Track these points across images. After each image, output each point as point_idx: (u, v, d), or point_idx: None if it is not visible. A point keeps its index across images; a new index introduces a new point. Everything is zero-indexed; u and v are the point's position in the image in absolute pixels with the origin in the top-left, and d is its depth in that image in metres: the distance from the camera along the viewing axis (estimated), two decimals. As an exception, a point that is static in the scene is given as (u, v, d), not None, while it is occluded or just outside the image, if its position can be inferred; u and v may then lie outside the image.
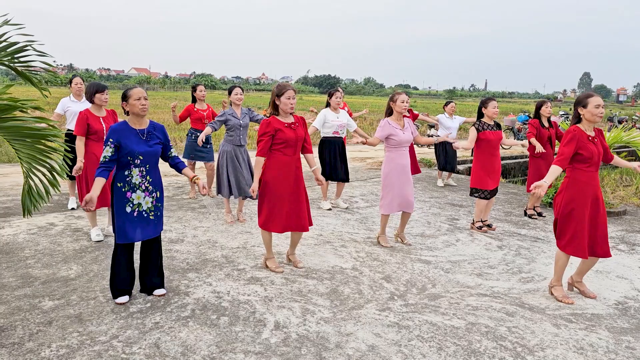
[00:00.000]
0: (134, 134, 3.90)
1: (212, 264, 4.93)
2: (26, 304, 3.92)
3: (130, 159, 3.84)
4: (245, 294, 4.24)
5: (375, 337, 3.58)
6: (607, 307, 4.27)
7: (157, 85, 76.11)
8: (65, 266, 4.74)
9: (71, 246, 5.31)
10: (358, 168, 11.43)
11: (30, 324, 3.59)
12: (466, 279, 4.80)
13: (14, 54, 3.39)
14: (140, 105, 3.89)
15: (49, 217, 6.42)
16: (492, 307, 4.15)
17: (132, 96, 3.89)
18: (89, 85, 5.50)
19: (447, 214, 7.34)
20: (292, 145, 4.55)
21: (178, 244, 5.50)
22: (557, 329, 3.82)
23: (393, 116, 5.51)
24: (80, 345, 3.33)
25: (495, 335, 3.66)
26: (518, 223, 6.98)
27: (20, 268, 4.66)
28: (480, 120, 6.31)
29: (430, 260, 5.26)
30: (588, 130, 4.21)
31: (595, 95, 4.21)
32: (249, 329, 3.63)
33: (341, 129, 7.17)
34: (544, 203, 7.97)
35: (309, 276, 4.70)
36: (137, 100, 3.88)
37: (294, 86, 4.87)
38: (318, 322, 3.78)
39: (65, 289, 4.21)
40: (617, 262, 5.45)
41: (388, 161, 5.54)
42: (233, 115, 6.19)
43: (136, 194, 3.88)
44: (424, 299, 4.28)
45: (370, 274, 4.82)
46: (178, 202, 7.45)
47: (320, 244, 5.70)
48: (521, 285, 4.69)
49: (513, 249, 5.77)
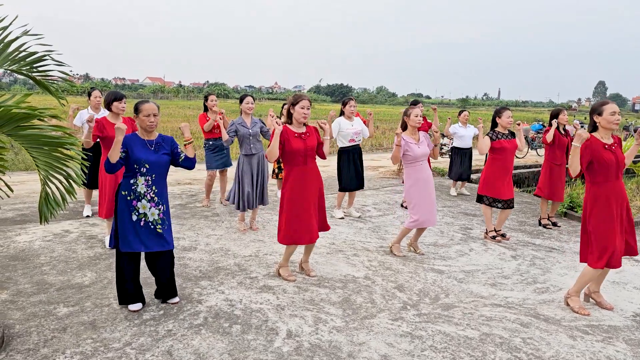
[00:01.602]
0: (142, 143, 3.95)
1: (224, 272, 4.94)
2: (41, 310, 3.96)
3: (136, 167, 3.87)
4: (258, 302, 4.25)
5: (388, 346, 3.56)
6: (625, 319, 4.20)
7: (171, 94, 76.84)
8: (80, 273, 4.79)
9: (86, 253, 5.36)
10: (371, 177, 11.42)
11: (45, 330, 3.62)
12: (480, 289, 4.75)
13: (32, 63, 3.46)
14: (149, 122, 3.96)
15: (64, 224, 6.49)
16: (506, 318, 4.10)
17: (142, 112, 3.96)
18: (107, 94, 5.59)
19: (460, 224, 7.29)
20: (301, 155, 4.56)
21: (191, 251, 5.52)
22: (573, 340, 3.76)
23: (408, 130, 5.50)
24: (94, 352, 3.35)
25: (509, 347, 3.62)
26: (532, 233, 6.91)
27: (35, 274, 4.72)
28: (494, 129, 6.27)
29: (444, 270, 5.23)
30: (604, 138, 4.17)
31: (610, 103, 4.18)
32: (261, 338, 3.62)
33: (357, 137, 7.20)
34: (559, 213, 7.88)
35: (322, 285, 4.69)
36: (147, 117, 3.95)
37: (308, 95, 4.91)
38: (330, 331, 3.77)
39: (79, 296, 4.25)
40: (634, 273, 5.37)
41: (407, 177, 5.52)
42: (242, 124, 6.21)
43: (141, 203, 3.90)
44: (437, 308, 4.25)
45: (382, 283, 4.79)
46: (191, 210, 7.49)
47: (332, 252, 5.68)
48: (536, 296, 4.63)
49: (527, 259, 5.71)
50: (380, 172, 12.35)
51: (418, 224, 5.48)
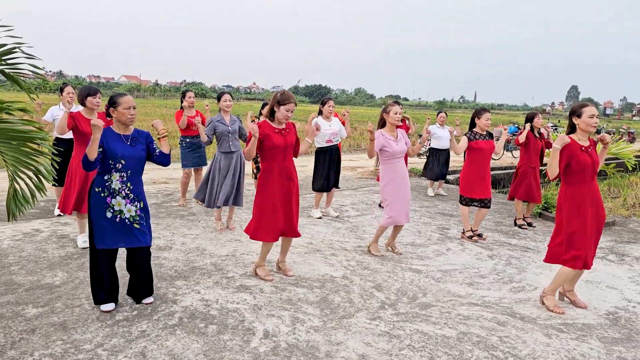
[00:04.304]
0: (118, 138, 3.84)
1: (200, 271, 4.86)
2: (9, 311, 3.82)
3: (111, 163, 3.77)
4: (234, 302, 4.18)
5: (366, 346, 3.54)
6: (598, 317, 4.26)
7: (147, 93, 75.78)
8: (51, 273, 4.65)
9: (57, 253, 5.21)
10: (349, 177, 11.42)
11: (13, 332, 3.50)
12: (457, 288, 4.77)
13: (1, 56, 3.33)
14: (129, 115, 3.85)
15: (35, 223, 6.31)
16: (483, 317, 4.12)
17: (122, 104, 3.84)
18: (81, 89, 5.44)
19: (437, 224, 7.33)
20: (281, 151, 4.52)
21: (166, 251, 5.42)
22: (549, 338, 3.80)
23: (386, 127, 5.50)
24: (64, 353, 3.25)
25: (486, 345, 3.63)
26: (508, 233, 6.98)
27: (3, 275, 4.56)
28: (472, 130, 6.32)
29: (421, 270, 5.23)
30: (581, 140, 4.22)
31: (589, 105, 4.23)
32: (237, 338, 3.56)
33: (334, 137, 7.18)
34: (534, 213, 7.99)
35: (299, 284, 4.65)
36: (127, 109, 3.84)
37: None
38: (308, 330, 3.73)
39: (49, 296, 4.12)
40: (607, 272, 5.46)
41: (384, 174, 5.52)
42: (221, 122, 6.13)
43: (116, 199, 3.80)
44: (415, 308, 4.24)
45: (360, 282, 4.77)
46: (167, 209, 7.37)
47: (310, 252, 5.65)
48: (512, 295, 4.67)
49: (504, 259, 5.76)
50: (358, 172, 12.36)
51: (392, 222, 5.49)
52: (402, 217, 5.50)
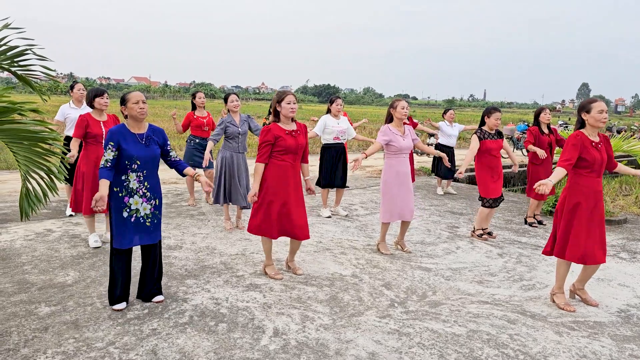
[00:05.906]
0: (133, 138, 3.86)
1: (210, 270, 4.88)
2: (22, 309, 3.87)
3: (127, 163, 3.80)
4: (244, 300, 4.20)
5: (376, 344, 3.54)
6: (610, 315, 4.23)
7: (157, 94, 76.30)
8: (63, 272, 4.70)
9: (69, 252, 5.27)
10: (358, 176, 11.41)
11: (26, 330, 3.54)
12: (467, 286, 4.75)
13: (13, 57, 3.37)
14: (139, 109, 3.87)
15: (47, 223, 6.38)
16: (493, 315, 4.11)
17: (131, 99, 3.87)
18: (88, 91, 5.52)
19: (447, 222, 7.31)
20: (292, 153, 4.53)
21: (177, 250, 5.46)
22: (560, 336, 3.77)
23: (393, 123, 5.50)
24: (76, 351, 3.28)
25: (497, 343, 3.62)
26: (518, 231, 6.94)
27: (16, 274, 4.62)
28: (481, 128, 6.29)
29: (431, 268, 5.22)
30: (592, 136, 4.19)
31: (598, 101, 4.20)
32: (247, 336, 3.58)
33: (342, 135, 7.20)
34: (544, 211, 7.94)
35: (309, 283, 4.66)
36: (135, 103, 3.86)
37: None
38: (317, 329, 3.74)
39: (62, 295, 4.17)
40: (618, 270, 5.41)
41: (387, 168, 5.51)
42: (232, 122, 6.17)
43: (133, 199, 3.84)
44: (425, 306, 4.24)
45: (370, 281, 4.77)
46: (177, 209, 7.41)
47: (319, 251, 5.65)
48: (522, 293, 4.64)
49: (514, 257, 5.73)
50: (367, 171, 12.35)
51: (389, 217, 5.48)
52: (401, 213, 5.48)
